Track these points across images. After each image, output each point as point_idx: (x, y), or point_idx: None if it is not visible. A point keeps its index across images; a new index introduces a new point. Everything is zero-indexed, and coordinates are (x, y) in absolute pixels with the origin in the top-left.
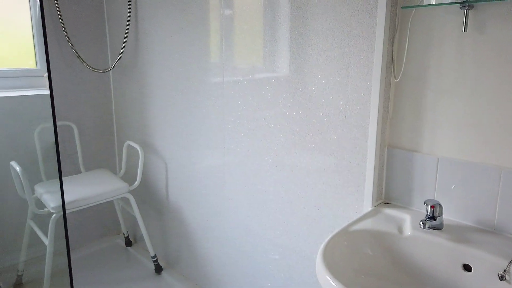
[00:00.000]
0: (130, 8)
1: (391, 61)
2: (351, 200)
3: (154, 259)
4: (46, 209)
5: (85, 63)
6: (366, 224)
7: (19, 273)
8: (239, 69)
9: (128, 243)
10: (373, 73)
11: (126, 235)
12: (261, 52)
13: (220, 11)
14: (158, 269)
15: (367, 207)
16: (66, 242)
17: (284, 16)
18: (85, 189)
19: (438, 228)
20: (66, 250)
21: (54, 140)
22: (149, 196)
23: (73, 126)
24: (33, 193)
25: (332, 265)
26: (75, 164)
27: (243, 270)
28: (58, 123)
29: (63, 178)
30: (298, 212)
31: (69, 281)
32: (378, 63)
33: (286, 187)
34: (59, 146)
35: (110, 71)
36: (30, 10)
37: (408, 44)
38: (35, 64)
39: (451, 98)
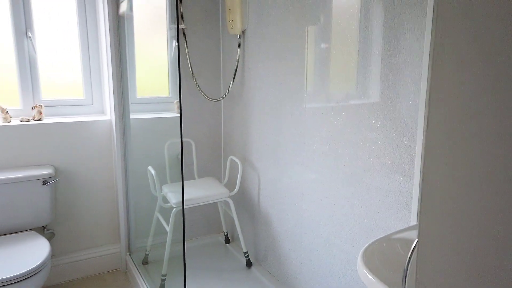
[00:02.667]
0: (239, 50)
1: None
2: (401, 215)
3: (245, 255)
4: (169, 204)
5: (204, 93)
6: (406, 234)
7: (147, 253)
8: (317, 100)
9: (227, 240)
10: (419, 111)
11: (226, 233)
12: (336, 89)
13: (305, 54)
14: (249, 263)
15: (414, 221)
16: (183, 230)
17: (368, 64)
18: (197, 191)
19: None
20: (182, 237)
21: (179, 152)
22: (245, 202)
23: (192, 142)
24: (161, 191)
25: (370, 262)
26: (191, 172)
27: (316, 271)
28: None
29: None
30: (360, 223)
31: (182, 264)
32: (422, 107)
33: (351, 202)
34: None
35: (222, 100)
36: (168, 52)
37: None
38: (168, 93)
39: None
